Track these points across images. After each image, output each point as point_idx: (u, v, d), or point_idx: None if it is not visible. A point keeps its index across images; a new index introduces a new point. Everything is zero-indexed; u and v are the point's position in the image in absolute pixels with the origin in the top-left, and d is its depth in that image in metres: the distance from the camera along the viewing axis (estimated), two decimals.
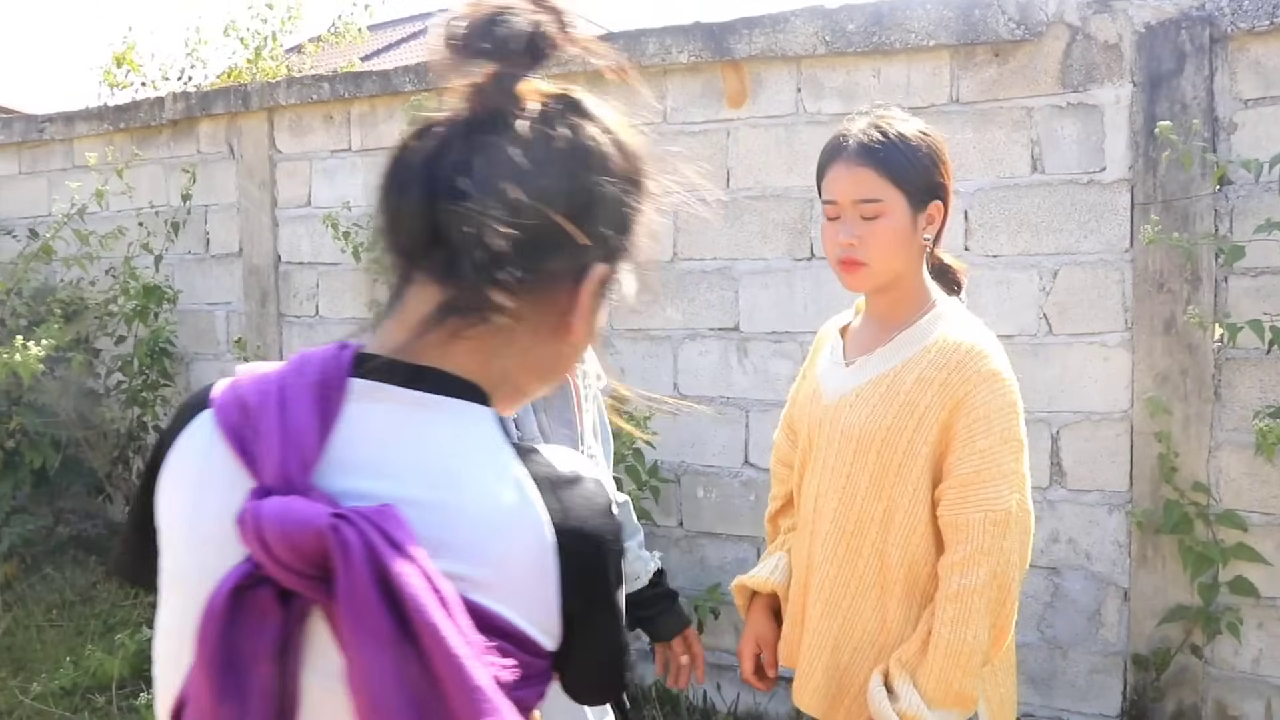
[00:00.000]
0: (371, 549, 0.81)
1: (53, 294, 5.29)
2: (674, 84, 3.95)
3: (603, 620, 0.98)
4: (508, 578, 0.89)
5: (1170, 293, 3.17)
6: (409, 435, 0.91)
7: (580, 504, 0.95)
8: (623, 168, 0.98)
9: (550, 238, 0.93)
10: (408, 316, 0.96)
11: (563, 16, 0.98)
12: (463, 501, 0.89)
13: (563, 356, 1.03)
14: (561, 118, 0.96)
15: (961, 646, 1.81)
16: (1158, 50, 3.18)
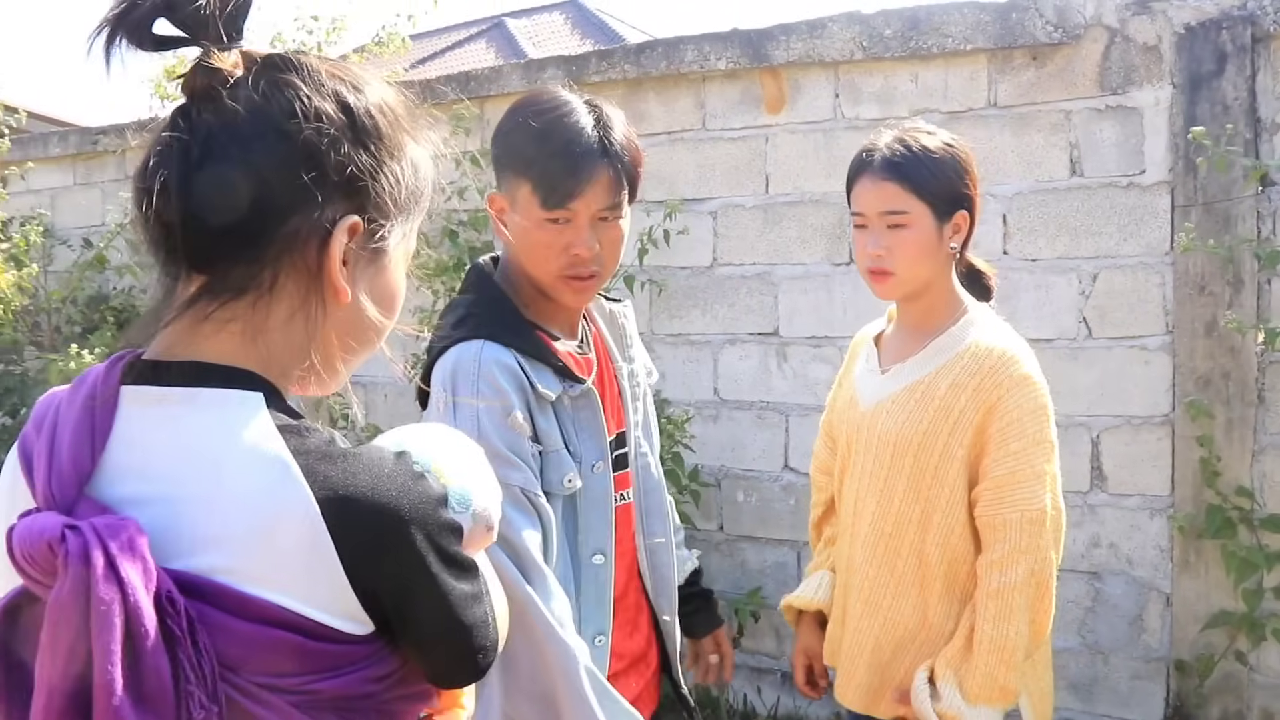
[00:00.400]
0: (87, 564, 0.80)
1: (106, 301, 5.40)
2: (713, 91, 3.97)
3: (424, 595, 0.95)
4: (278, 564, 0.87)
5: (1212, 295, 3.14)
6: (172, 433, 0.90)
7: (360, 474, 0.91)
8: (340, 118, 0.96)
9: (270, 201, 0.93)
10: (176, 311, 0.96)
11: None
12: (222, 492, 0.88)
13: (356, 319, 1.01)
14: (261, 80, 0.94)
15: (1004, 642, 1.89)
16: (1198, 51, 3.17)
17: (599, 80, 4.11)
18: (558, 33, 19.34)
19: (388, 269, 1.03)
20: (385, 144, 1.00)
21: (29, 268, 4.92)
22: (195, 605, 0.84)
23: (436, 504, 0.96)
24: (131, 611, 0.80)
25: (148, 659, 0.81)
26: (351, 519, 0.89)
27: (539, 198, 1.71)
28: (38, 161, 5.74)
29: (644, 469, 1.98)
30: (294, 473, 0.88)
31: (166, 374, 0.93)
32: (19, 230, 5.24)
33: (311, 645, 0.88)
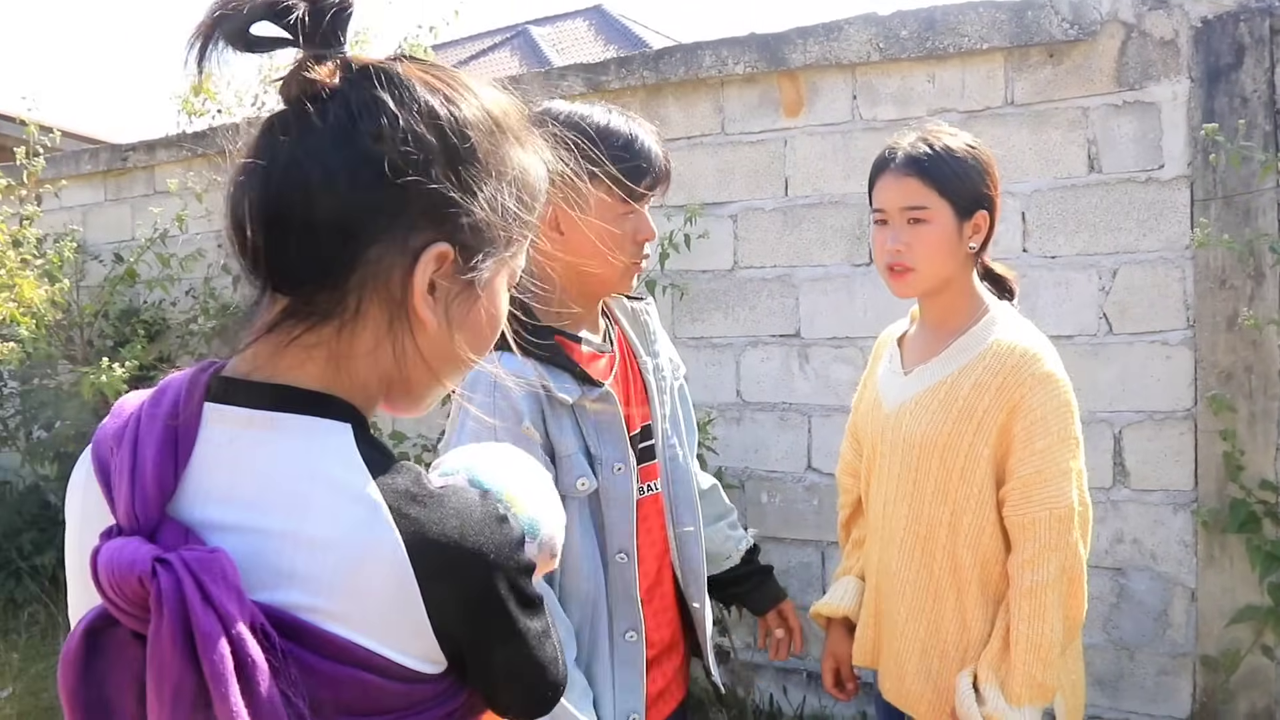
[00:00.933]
0: (183, 601, 0.79)
1: (137, 315, 5.48)
2: (731, 95, 4.00)
3: (502, 641, 0.93)
4: (361, 605, 0.85)
5: (1233, 289, 3.14)
6: (257, 458, 0.88)
7: (448, 519, 0.89)
8: (431, 140, 0.90)
9: (352, 227, 0.89)
10: (259, 324, 0.93)
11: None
12: (309, 527, 0.85)
13: (445, 348, 0.96)
14: (352, 95, 0.89)
15: (1040, 640, 1.89)
16: (1215, 44, 3.16)
17: (618, 87, 4.15)
18: (581, 39, 19.41)
19: (482, 298, 0.97)
20: (481, 165, 0.94)
21: (61, 283, 5.01)
22: (283, 642, 0.83)
23: (517, 547, 0.94)
24: (236, 643, 0.79)
25: (260, 688, 0.79)
26: (439, 565, 0.87)
27: (621, 192, 1.78)
28: (70, 178, 5.84)
29: (672, 460, 2.02)
30: (383, 514, 0.86)
31: (252, 395, 0.91)
32: (53, 246, 5.33)
33: (388, 685, 0.87)
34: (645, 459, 1.96)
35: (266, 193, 0.89)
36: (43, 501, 5.80)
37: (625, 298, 2.05)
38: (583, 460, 1.80)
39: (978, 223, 1.99)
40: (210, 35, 0.87)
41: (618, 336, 2.01)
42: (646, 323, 2.08)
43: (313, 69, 0.89)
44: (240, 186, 0.90)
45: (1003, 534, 1.98)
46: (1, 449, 5.96)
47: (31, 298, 4.75)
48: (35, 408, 5.53)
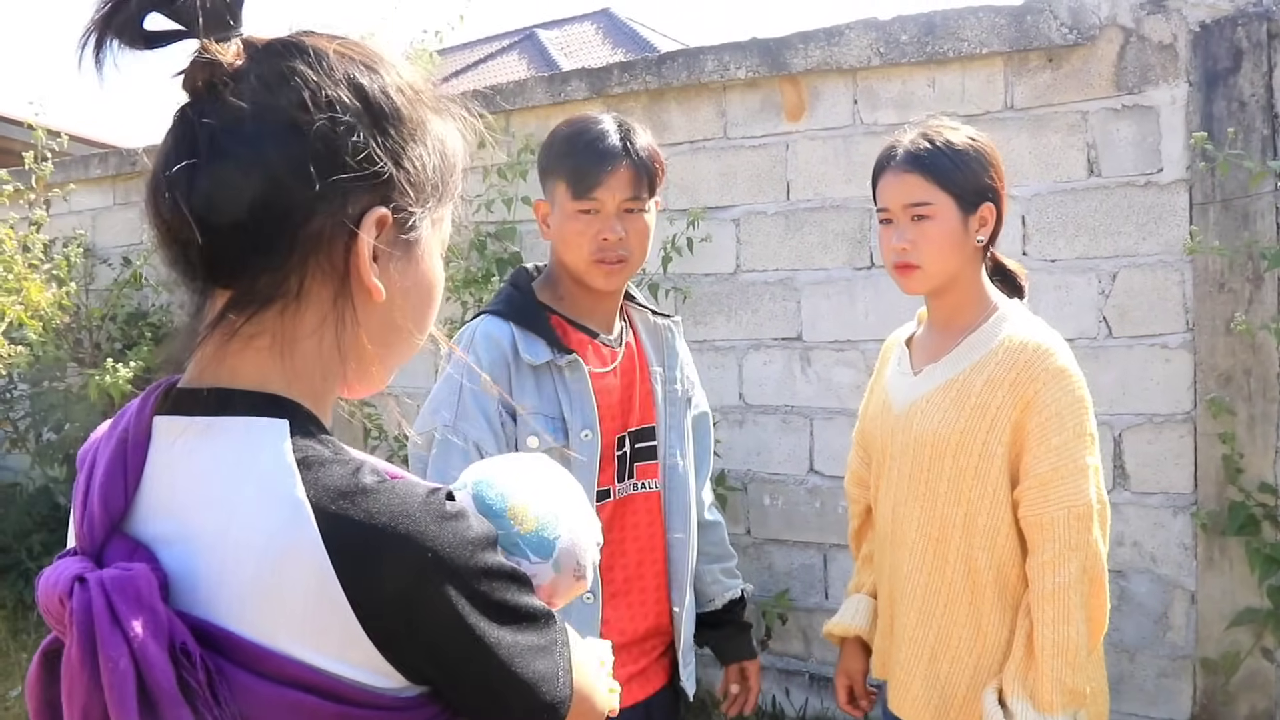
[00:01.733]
0: (90, 621, 0.77)
1: (144, 318, 5.53)
2: (733, 99, 4.02)
3: (463, 647, 0.85)
4: (285, 611, 0.80)
5: (1232, 292, 3.15)
6: (193, 466, 0.85)
7: (378, 513, 0.82)
8: (355, 104, 0.88)
9: (287, 202, 0.86)
10: (202, 334, 0.90)
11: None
12: (233, 532, 0.82)
13: (391, 318, 0.94)
14: (265, 70, 0.86)
15: (1066, 644, 1.85)
16: (1213, 48, 3.17)
17: (621, 91, 4.17)
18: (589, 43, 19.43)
19: (422, 259, 0.96)
20: (406, 125, 0.91)
21: (69, 285, 5.05)
22: (214, 659, 0.79)
23: (473, 546, 0.86)
24: (141, 664, 0.75)
25: (168, 714, 0.75)
26: (361, 559, 0.80)
27: (571, 190, 1.97)
28: (79, 183, 5.88)
29: (671, 467, 2.11)
30: (304, 512, 0.80)
31: (193, 402, 0.88)
32: (61, 251, 5.38)
33: (332, 708, 0.81)
34: (644, 457, 2.08)
35: (193, 185, 0.84)
36: (52, 503, 5.85)
37: (650, 312, 2.18)
38: (541, 421, 1.93)
39: (983, 216, 1.97)
40: (102, 35, 0.84)
41: (632, 341, 2.13)
42: (667, 339, 2.18)
43: (217, 51, 0.86)
44: (162, 187, 0.86)
45: (1019, 535, 1.94)
46: (11, 451, 6.01)
47: (39, 301, 4.79)
48: (44, 410, 5.57)
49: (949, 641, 1.99)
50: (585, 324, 2.06)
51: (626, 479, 2.07)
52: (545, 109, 4.43)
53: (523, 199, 4.35)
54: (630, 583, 2.05)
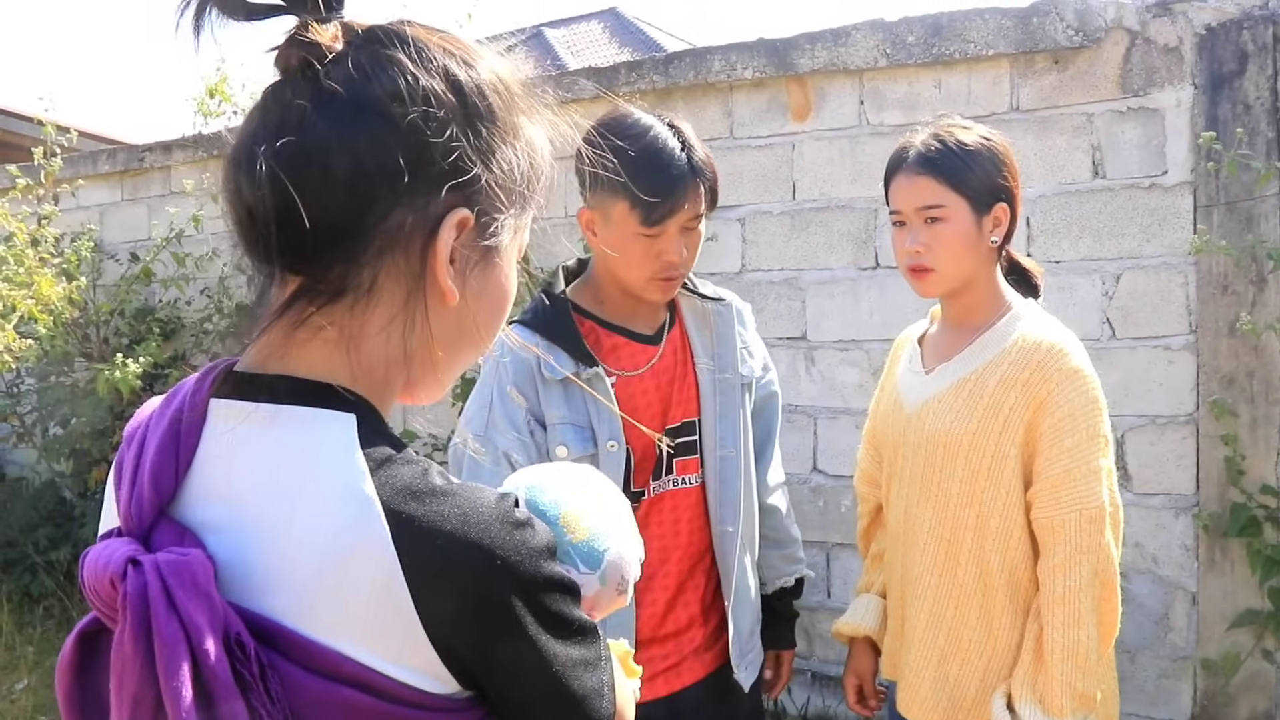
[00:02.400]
0: (146, 605, 0.75)
1: (152, 314, 5.55)
2: (740, 100, 4.03)
3: (519, 657, 0.84)
4: (348, 610, 0.78)
5: (1235, 294, 3.16)
6: (254, 454, 0.83)
7: (449, 516, 0.80)
8: (450, 99, 0.86)
9: (370, 192, 0.84)
10: (269, 319, 0.88)
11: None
12: (297, 526, 0.80)
13: (462, 323, 0.92)
14: (363, 56, 0.85)
15: (1077, 648, 1.83)
16: (1219, 51, 3.18)
17: (628, 90, 4.18)
18: (596, 42, 19.44)
19: (499, 266, 0.93)
20: (499, 127, 0.89)
21: (78, 280, 5.07)
22: (266, 653, 0.77)
23: (538, 556, 0.84)
24: (199, 653, 0.74)
25: (222, 705, 0.74)
26: (431, 563, 0.79)
27: (639, 216, 1.88)
28: (87, 178, 5.91)
29: (723, 459, 2.08)
30: (374, 510, 0.78)
31: (255, 388, 0.86)
32: (70, 246, 5.40)
33: (384, 708, 0.79)
34: (684, 452, 2.06)
35: (278, 163, 0.82)
36: (58, 497, 5.87)
37: (699, 297, 2.13)
38: (568, 430, 1.94)
39: (997, 216, 1.94)
40: (203, 5, 0.83)
41: (675, 334, 2.10)
42: (716, 324, 2.13)
43: (317, 32, 0.84)
44: (244, 164, 0.85)
45: (1031, 538, 1.93)
46: (18, 445, 6.04)
47: (49, 295, 4.81)
48: (51, 405, 5.59)
49: (959, 643, 1.98)
50: (621, 324, 2.05)
51: (664, 475, 2.06)
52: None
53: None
54: (656, 580, 2.05)
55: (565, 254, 4.30)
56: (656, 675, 2.05)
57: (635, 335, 2.05)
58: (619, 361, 2.02)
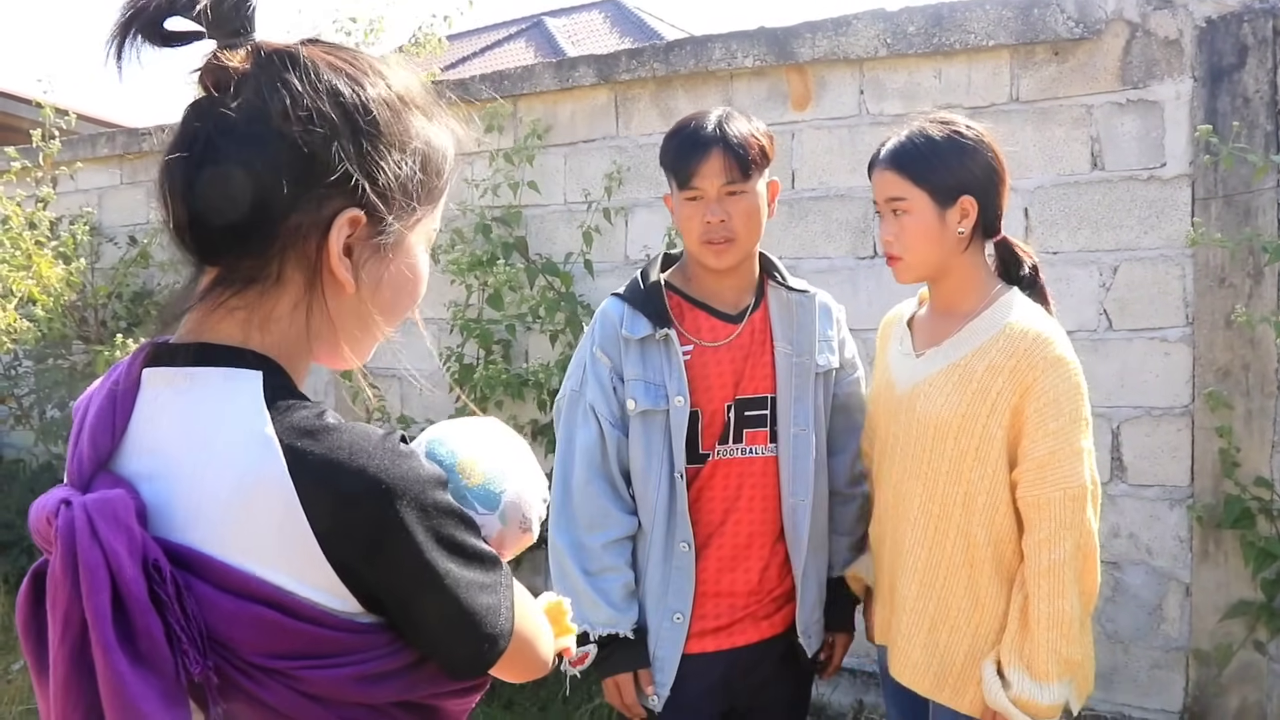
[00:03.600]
0: (72, 536, 0.87)
1: (150, 297, 5.55)
2: (739, 88, 4.03)
3: (414, 574, 0.95)
4: (252, 534, 0.90)
5: (1232, 287, 3.16)
6: (176, 410, 0.95)
7: (338, 448, 0.92)
8: (334, 117, 0.96)
9: (269, 200, 0.95)
10: (193, 301, 1.00)
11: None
12: (210, 467, 0.91)
13: (360, 308, 1.03)
14: (261, 78, 0.95)
15: (1061, 617, 1.94)
16: (1219, 44, 3.19)
17: (629, 78, 4.18)
18: (596, 31, 19.39)
19: (396, 258, 1.04)
20: (385, 137, 1.00)
21: (76, 262, 5.07)
22: (184, 576, 0.88)
23: (425, 482, 0.96)
24: (116, 575, 0.85)
25: (139, 620, 0.85)
26: (322, 486, 0.90)
27: (676, 181, 2.21)
28: (86, 161, 5.90)
29: (796, 437, 2.25)
30: (274, 447, 0.90)
31: (179, 355, 0.98)
32: (68, 229, 5.39)
33: (292, 624, 0.90)
34: (754, 424, 2.24)
35: (188, 175, 0.95)
36: (55, 480, 5.83)
37: (785, 288, 2.31)
38: (639, 386, 2.20)
39: (963, 208, 2.03)
40: (125, 33, 0.94)
41: (758, 317, 2.28)
42: (799, 314, 2.29)
43: (225, 57, 0.96)
44: (164, 177, 0.97)
45: (1016, 513, 2.03)
46: (16, 428, 6.04)
47: (49, 277, 4.81)
48: (49, 387, 5.60)
49: (948, 612, 2.08)
50: (705, 301, 2.27)
51: (732, 443, 2.24)
52: (552, 94, 4.44)
53: (529, 183, 4.36)
54: (714, 539, 2.24)
55: (564, 242, 4.32)
56: (707, 632, 2.24)
57: (716, 312, 2.27)
58: (699, 332, 2.25)
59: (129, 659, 0.85)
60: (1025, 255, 2.17)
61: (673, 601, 2.21)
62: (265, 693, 0.91)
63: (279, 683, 0.91)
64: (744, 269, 2.27)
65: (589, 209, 4.25)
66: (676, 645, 2.21)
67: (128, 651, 0.85)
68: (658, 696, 2.21)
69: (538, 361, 4.38)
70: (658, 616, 2.22)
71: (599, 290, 4.18)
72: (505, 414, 4.44)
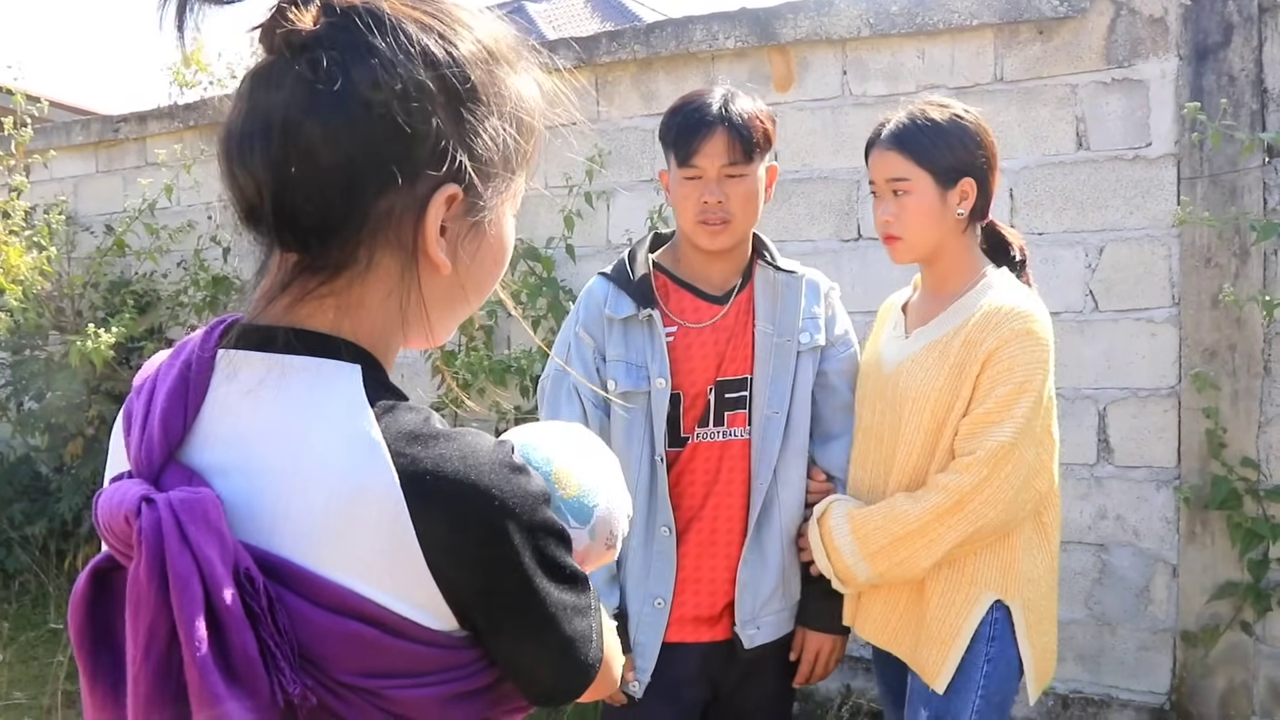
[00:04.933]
0: (160, 540, 0.78)
1: (127, 286, 5.48)
2: (722, 69, 3.99)
3: (516, 595, 0.87)
4: (354, 547, 0.82)
5: (1218, 267, 3.15)
6: (262, 401, 0.86)
7: (451, 457, 0.84)
8: (431, 85, 0.86)
9: (358, 180, 0.86)
10: (269, 282, 0.91)
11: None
12: (303, 468, 0.83)
13: (456, 288, 0.95)
14: (341, 41, 0.84)
15: (901, 515, 2.02)
16: (1204, 22, 3.16)
17: (609, 60, 4.14)
18: (577, 16, 19.35)
19: (491, 230, 0.95)
20: (483, 101, 0.90)
21: (49, 251, 4.99)
22: (274, 588, 0.80)
23: (535, 500, 0.88)
24: (211, 587, 0.77)
25: (234, 636, 0.77)
26: (434, 502, 0.82)
27: (676, 158, 2.17)
28: (61, 149, 5.81)
29: (767, 419, 2.20)
30: (380, 451, 0.82)
31: (264, 339, 0.88)
32: (41, 218, 5.32)
33: (389, 641, 0.83)
34: (735, 407, 2.21)
35: (269, 153, 0.84)
36: (34, 472, 5.81)
37: (774, 269, 2.26)
38: (620, 367, 2.18)
39: (964, 190, 2.06)
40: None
41: (743, 298, 2.24)
42: (784, 294, 2.25)
43: (292, 15, 0.84)
44: (237, 157, 0.87)
45: None
46: None
47: (18, 265, 4.74)
48: (26, 378, 5.52)
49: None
50: (692, 282, 2.25)
51: (713, 425, 2.21)
52: None
53: None
54: (695, 524, 2.21)
55: (545, 226, 4.28)
56: (687, 620, 2.20)
57: (702, 293, 2.24)
58: (683, 313, 2.23)
59: (225, 680, 0.77)
60: (1013, 238, 2.20)
61: (654, 586, 2.18)
62: (352, 712, 0.83)
63: (367, 702, 0.83)
64: (736, 252, 2.24)
65: (570, 193, 4.20)
66: (658, 631, 2.18)
67: (222, 669, 0.77)
68: (638, 682, 2.18)
69: (520, 347, 4.34)
70: (638, 601, 2.19)
71: (581, 275, 4.14)
72: (487, 401, 4.41)
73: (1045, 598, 2.09)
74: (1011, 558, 2.04)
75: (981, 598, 2.03)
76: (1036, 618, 2.06)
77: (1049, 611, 2.11)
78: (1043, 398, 2.00)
